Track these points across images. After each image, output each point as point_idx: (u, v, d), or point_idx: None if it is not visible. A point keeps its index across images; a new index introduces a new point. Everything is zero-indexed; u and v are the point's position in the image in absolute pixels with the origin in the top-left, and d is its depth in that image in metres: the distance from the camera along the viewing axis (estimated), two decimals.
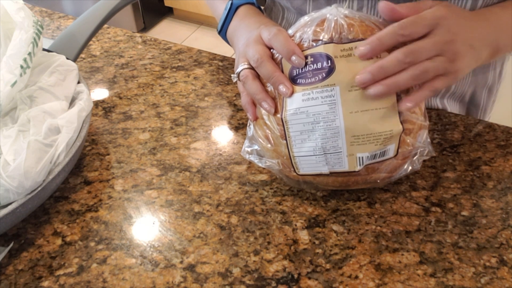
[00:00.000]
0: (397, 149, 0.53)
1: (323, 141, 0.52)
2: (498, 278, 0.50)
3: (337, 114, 0.51)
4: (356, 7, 0.66)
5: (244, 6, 0.70)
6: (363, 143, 0.51)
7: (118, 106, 0.75)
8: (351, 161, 0.52)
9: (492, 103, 0.83)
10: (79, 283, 0.51)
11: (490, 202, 0.58)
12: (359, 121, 0.50)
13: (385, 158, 0.53)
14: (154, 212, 0.58)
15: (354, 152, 0.52)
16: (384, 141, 0.51)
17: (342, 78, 0.50)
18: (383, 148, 0.52)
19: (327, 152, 0.52)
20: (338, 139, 0.51)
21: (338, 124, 0.51)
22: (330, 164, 0.53)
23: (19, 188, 0.52)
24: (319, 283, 0.50)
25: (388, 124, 0.51)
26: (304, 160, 0.54)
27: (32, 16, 0.62)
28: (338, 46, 0.51)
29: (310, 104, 0.51)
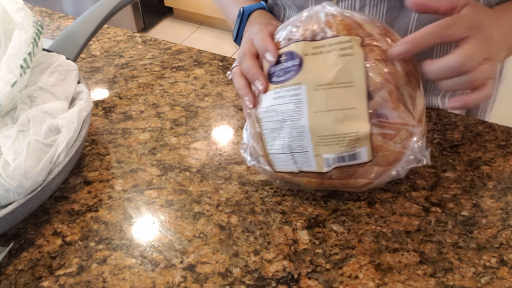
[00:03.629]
0: (371, 154, 0.50)
1: (290, 139, 0.51)
2: (498, 278, 0.50)
3: (302, 113, 0.50)
4: (358, 6, 0.66)
5: (255, 12, 0.71)
6: (328, 144, 0.50)
7: (118, 106, 0.75)
8: (319, 161, 0.51)
9: (492, 102, 0.83)
10: (79, 283, 0.51)
11: (490, 202, 0.58)
12: (323, 121, 0.49)
13: (357, 162, 0.51)
14: (154, 212, 0.58)
15: (320, 152, 0.51)
16: (350, 143, 0.49)
17: (309, 77, 0.50)
18: (350, 150, 0.50)
19: (294, 151, 0.52)
20: (304, 139, 0.50)
21: (303, 124, 0.50)
22: (298, 164, 0.53)
23: (19, 188, 0.51)
24: (319, 283, 0.50)
25: (354, 125, 0.49)
26: (276, 157, 0.54)
27: (32, 16, 0.62)
28: (310, 44, 0.51)
29: (279, 102, 0.51)
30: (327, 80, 0.49)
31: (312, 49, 0.50)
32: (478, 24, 0.51)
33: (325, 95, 0.49)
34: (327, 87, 0.49)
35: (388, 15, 0.66)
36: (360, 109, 0.49)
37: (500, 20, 0.56)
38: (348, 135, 0.49)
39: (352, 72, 0.49)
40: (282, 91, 0.51)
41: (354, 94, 0.49)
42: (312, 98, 0.49)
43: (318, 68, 0.50)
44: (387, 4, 0.65)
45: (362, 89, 0.49)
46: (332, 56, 0.49)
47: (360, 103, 0.49)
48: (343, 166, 0.51)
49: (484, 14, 0.52)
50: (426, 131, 0.55)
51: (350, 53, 0.49)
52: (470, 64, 0.49)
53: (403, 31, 0.66)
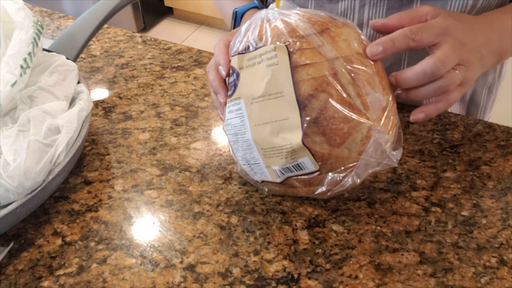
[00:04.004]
0: (316, 163, 0.48)
1: (243, 152, 0.52)
2: (498, 278, 0.50)
3: (246, 127, 0.50)
4: (358, 6, 0.66)
5: (248, 12, 0.71)
6: (271, 156, 0.50)
7: (118, 106, 0.75)
8: (271, 172, 0.51)
9: (492, 102, 0.83)
10: (79, 283, 0.51)
11: (490, 202, 0.58)
12: (262, 134, 0.49)
13: (306, 171, 0.49)
14: (154, 212, 0.58)
15: (269, 163, 0.50)
16: (289, 155, 0.48)
17: (245, 90, 0.50)
18: (292, 161, 0.49)
19: (250, 162, 0.53)
20: (253, 151, 0.51)
21: (248, 137, 0.50)
22: (257, 174, 0.53)
23: (19, 188, 0.51)
24: (319, 283, 0.50)
25: (288, 136, 0.48)
26: (243, 168, 0.55)
27: (32, 16, 0.62)
28: (244, 56, 0.50)
29: (231, 116, 0.52)
30: (259, 93, 0.48)
31: (246, 61, 0.50)
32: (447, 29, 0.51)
33: (259, 108, 0.48)
34: (260, 99, 0.48)
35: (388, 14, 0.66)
36: (292, 119, 0.47)
37: (480, 26, 0.56)
38: (284, 147, 0.48)
39: (280, 82, 0.47)
40: (230, 105, 0.52)
41: (285, 104, 0.47)
42: (250, 111, 0.49)
43: (251, 81, 0.49)
44: (386, 4, 0.65)
45: (292, 98, 0.47)
46: (262, 67, 0.48)
47: (292, 113, 0.47)
48: (296, 175, 0.50)
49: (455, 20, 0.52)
50: (398, 128, 0.51)
51: (275, 63, 0.47)
52: (443, 68, 0.49)
53: None
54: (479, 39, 0.54)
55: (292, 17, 0.49)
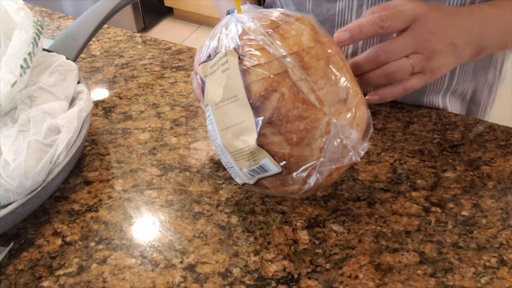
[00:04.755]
0: (278, 163, 0.47)
1: (221, 157, 0.54)
2: (498, 278, 0.50)
3: (216, 133, 0.51)
4: (356, 5, 0.66)
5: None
6: (238, 159, 0.50)
7: (118, 106, 0.75)
8: (244, 175, 0.51)
9: (492, 101, 0.83)
10: (79, 283, 0.51)
11: (490, 202, 0.58)
12: (227, 138, 0.50)
13: (271, 173, 0.49)
14: (154, 212, 0.58)
15: (240, 166, 0.51)
16: (249, 157, 0.48)
17: (210, 97, 0.50)
18: (255, 164, 0.49)
19: (228, 166, 0.54)
20: (227, 156, 0.52)
21: (219, 142, 0.51)
22: (237, 177, 0.53)
23: (19, 188, 0.51)
24: (319, 283, 0.50)
25: (247, 139, 0.48)
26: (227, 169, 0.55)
27: (32, 16, 0.62)
28: (207, 64, 0.51)
29: (207, 123, 0.53)
30: (219, 99, 0.49)
31: (209, 69, 0.51)
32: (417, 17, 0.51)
33: (221, 113, 0.49)
34: (221, 105, 0.49)
35: None
36: (248, 121, 0.47)
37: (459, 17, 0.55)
38: (244, 150, 0.48)
39: (233, 86, 0.47)
40: (205, 112, 0.53)
41: (241, 107, 0.47)
42: (216, 117, 0.50)
43: (213, 88, 0.50)
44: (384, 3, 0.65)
45: (244, 100, 0.47)
46: (219, 73, 0.49)
47: (247, 115, 0.47)
48: (264, 177, 0.50)
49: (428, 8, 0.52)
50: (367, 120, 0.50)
51: (228, 67, 0.48)
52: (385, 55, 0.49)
53: None
54: (454, 29, 0.53)
55: (246, 20, 0.49)
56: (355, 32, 0.50)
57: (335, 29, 0.70)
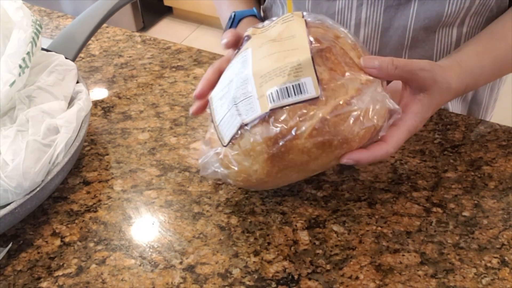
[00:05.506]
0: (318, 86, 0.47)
1: (234, 92, 0.50)
2: (499, 279, 0.50)
3: (247, 67, 0.50)
4: (356, 5, 0.66)
5: (246, 18, 0.72)
6: (271, 79, 0.48)
7: (117, 106, 0.74)
8: (263, 102, 0.48)
9: (493, 102, 0.83)
10: (78, 284, 0.51)
11: (491, 203, 0.58)
12: (265, 63, 0.49)
13: (304, 97, 0.47)
14: (153, 213, 0.58)
15: (264, 91, 0.48)
16: (293, 71, 0.47)
17: (255, 42, 0.52)
18: (294, 80, 0.47)
19: (238, 101, 0.49)
20: (248, 85, 0.49)
21: (247, 72, 0.50)
22: (242, 114, 0.49)
23: (18, 189, 0.51)
24: (319, 284, 0.50)
25: (295, 58, 0.48)
26: (223, 123, 0.51)
27: (31, 15, 0.62)
28: (258, 29, 0.55)
29: (228, 72, 0.53)
30: (271, 38, 0.51)
31: (260, 31, 0.54)
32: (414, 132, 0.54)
33: (268, 47, 0.51)
34: (271, 42, 0.51)
35: (386, 13, 0.66)
36: (301, 48, 0.49)
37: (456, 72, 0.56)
38: (289, 64, 0.48)
39: (293, 29, 0.51)
40: (232, 63, 0.53)
41: (297, 41, 0.50)
42: (257, 53, 0.51)
43: (263, 37, 0.53)
44: (384, 3, 0.65)
45: (303, 37, 0.50)
46: (276, 27, 0.53)
47: (303, 45, 0.49)
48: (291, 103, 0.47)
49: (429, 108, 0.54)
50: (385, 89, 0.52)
51: (291, 19, 0.52)
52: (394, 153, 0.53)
53: (402, 29, 0.66)
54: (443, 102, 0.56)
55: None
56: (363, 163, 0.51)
57: None
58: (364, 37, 0.69)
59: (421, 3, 0.63)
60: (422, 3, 0.63)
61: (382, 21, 0.67)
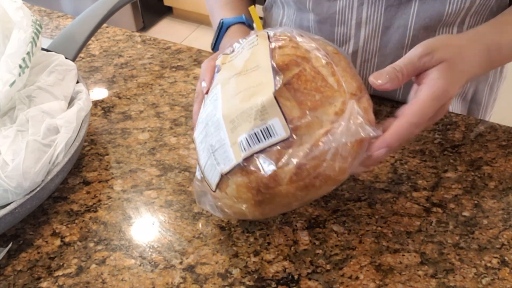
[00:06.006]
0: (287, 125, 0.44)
1: (210, 138, 0.48)
2: (499, 279, 0.50)
3: (217, 108, 0.48)
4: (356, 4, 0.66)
5: (234, 26, 0.72)
6: (239, 124, 0.46)
7: (117, 106, 0.74)
8: (236, 150, 0.46)
9: (493, 101, 0.83)
10: (78, 284, 0.51)
11: (491, 203, 0.58)
12: (233, 105, 0.47)
13: (275, 139, 0.44)
14: (153, 213, 0.58)
15: (235, 138, 0.46)
16: (258, 115, 0.45)
17: (223, 76, 0.51)
18: (261, 124, 0.45)
19: (214, 148, 0.48)
20: (220, 131, 0.47)
21: (218, 116, 0.48)
22: (220, 163, 0.47)
23: (18, 189, 0.51)
24: (319, 284, 0.50)
25: (260, 97, 0.45)
26: (207, 170, 0.49)
27: (31, 15, 0.62)
28: (227, 56, 0.53)
29: (203, 112, 0.52)
30: (237, 71, 0.49)
31: (229, 58, 0.53)
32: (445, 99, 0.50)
33: (234, 83, 0.49)
34: (237, 76, 0.49)
35: (387, 13, 0.66)
36: (266, 82, 0.46)
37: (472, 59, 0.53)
38: (254, 107, 0.45)
39: (258, 57, 0.49)
40: (205, 101, 0.52)
41: (261, 73, 0.47)
42: (224, 91, 0.49)
43: (231, 68, 0.51)
44: (385, 2, 0.65)
45: (267, 66, 0.47)
46: (243, 53, 0.51)
47: (267, 78, 0.46)
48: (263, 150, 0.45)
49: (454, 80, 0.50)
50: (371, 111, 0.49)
51: (255, 44, 0.50)
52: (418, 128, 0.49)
53: (402, 28, 0.66)
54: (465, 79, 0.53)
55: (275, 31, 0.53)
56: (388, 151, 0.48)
57: (335, 28, 0.70)
58: (364, 36, 0.69)
59: (421, 2, 0.63)
60: (423, 3, 0.63)
61: (383, 21, 0.66)
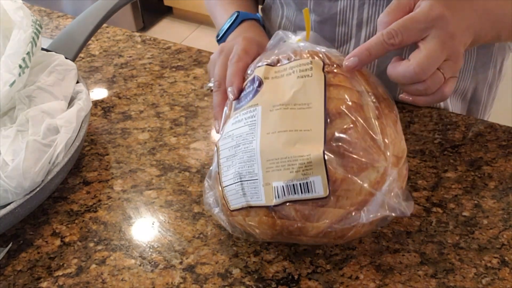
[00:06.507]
0: (327, 186, 0.43)
1: (240, 165, 0.46)
2: (499, 279, 0.50)
3: (255, 135, 0.46)
4: (357, 4, 0.66)
5: (249, 21, 0.71)
6: (278, 168, 0.44)
7: (117, 106, 0.74)
8: (267, 192, 0.45)
9: (492, 100, 0.83)
10: (78, 284, 0.51)
11: (491, 203, 0.58)
12: (274, 143, 0.45)
13: (312, 195, 0.44)
14: (153, 213, 0.58)
15: (270, 180, 0.45)
16: (301, 169, 0.43)
17: (266, 98, 0.47)
18: (303, 178, 0.43)
19: (243, 179, 0.46)
20: (254, 164, 0.45)
21: (254, 146, 0.45)
22: (247, 195, 0.46)
23: (18, 189, 0.51)
24: (319, 284, 0.50)
25: (307, 148, 0.44)
26: (229, 191, 0.48)
27: (31, 15, 0.62)
28: (272, 68, 0.49)
29: (236, 127, 0.48)
30: (283, 101, 0.46)
31: (273, 73, 0.49)
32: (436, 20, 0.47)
33: (279, 116, 0.45)
34: (282, 107, 0.46)
35: None
36: (315, 131, 0.44)
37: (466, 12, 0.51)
38: (299, 158, 0.43)
39: (310, 93, 0.46)
40: (240, 115, 0.49)
41: (311, 116, 0.45)
42: (266, 119, 0.46)
43: (276, 90, 0.47)
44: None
45: (320, 111, 0.45)
46: (291, 78, 0.47)
47: (316, 125, 0.44)
48: (296, 201, 0.44)
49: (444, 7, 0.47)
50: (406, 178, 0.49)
51: (309, 75, 0.47)
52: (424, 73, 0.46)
53: None
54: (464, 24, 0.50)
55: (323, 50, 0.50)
56: (363, 56, 0.47)
57: (336, 28, 0.70)
58: (365, 36, 0.69)
59: None
60: None
61: None
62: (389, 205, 0.45)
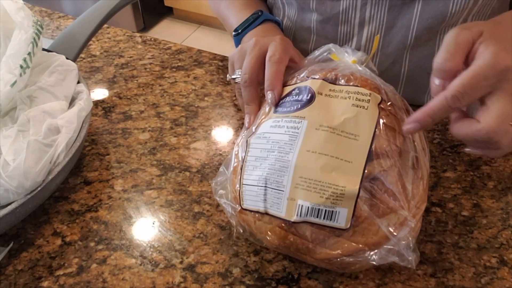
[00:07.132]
0: (350, 220, 0.44)
1: (269, 171, 0.46)
2: (498, 278, 0.50)
3: (293, 148, 0.46)
4: (360, 4, 0.66)
5: (270, 23, 0.71)
6: (308, 189, 0.45)
7: (118, 106, 0.75)
8: (290, 206, 0.45)
9: None
10: (79, 283, 0.51)
11: (490, 202, 0.58)
12: (312, 163, 0.45)
13: (332, 224, 0.45)
14: (154, 212, 0.58)
15: (296, 196, 0.45)
16: (332, 197, 0.44)
17: (315, 114, 0.47)
18: (330, 206, 0.44)
19: (269, 186, 0.46)
20: (285, 175, 0.46)
21: (289, 158, 0.46)
22: (268, 202, 0.47)
23: (19, 188, 0.51)
24: (319, 283, 0.50)
25: (343, 178, 0.44)
26: (248, 190, 0.48)
27: (31, 16, 0.62)
28: (328, 85, 0.49)
29: (274, 131, 0.48)
30: (332, 124, 0.46)
31: (328, 90, 0.48)
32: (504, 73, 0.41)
33: (324, 138, 0.45)
34: (329, 130, 0.46)
35: (390, 12, 0.66)
36: (356, 165, 0.45)
37: None
38: (332, 187, 0.44)
39: (360, 125, 0.46)
40: (282, 121, 0.48)
41: (356, 148, 0.45)
42: (310, 135, 0.46)
43: (327, 109, 0.47)
44: (389, 2, 0.65)
45: (365, 146, 0.45)
46: (346, 103, 0.47)
47: (358, 159, 0.45)
48: (315, 224, 0.45)
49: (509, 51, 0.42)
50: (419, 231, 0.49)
51: (364, 106, 0.47)
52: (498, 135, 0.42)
53: (405, 28, 0.66)
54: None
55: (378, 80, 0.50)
56: (426, 123, 0.44)
57: (339, 27, 0.70)
58: (367, 35, 0.69)
59: (425, 2, 0.64)
60: (426, 3, 0.64)
61: (385, 20, 0.67)
62: (399, 253, 0.46)
